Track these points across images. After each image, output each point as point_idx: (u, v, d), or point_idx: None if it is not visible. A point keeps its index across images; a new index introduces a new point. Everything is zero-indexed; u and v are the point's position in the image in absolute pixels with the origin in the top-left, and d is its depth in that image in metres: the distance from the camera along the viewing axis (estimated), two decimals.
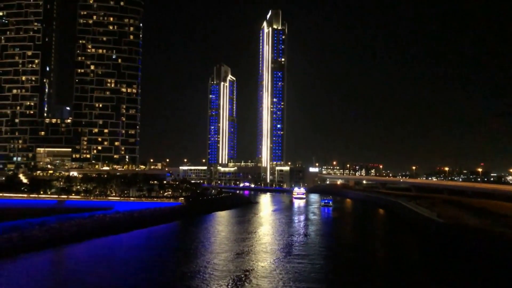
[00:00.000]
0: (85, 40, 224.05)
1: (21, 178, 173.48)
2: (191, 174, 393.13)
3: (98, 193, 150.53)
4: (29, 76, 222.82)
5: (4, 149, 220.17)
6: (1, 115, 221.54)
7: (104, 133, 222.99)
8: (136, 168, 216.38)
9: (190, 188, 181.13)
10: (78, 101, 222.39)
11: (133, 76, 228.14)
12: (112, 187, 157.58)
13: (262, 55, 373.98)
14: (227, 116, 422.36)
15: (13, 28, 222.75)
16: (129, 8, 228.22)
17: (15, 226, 77.57)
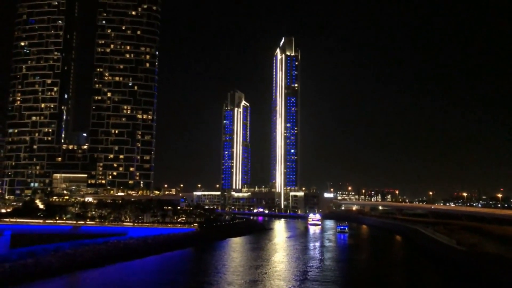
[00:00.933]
0: (102, 68, 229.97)
1: (37, 203, 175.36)
2: (204, 199, 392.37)
3: (113, 218, 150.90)
4: (48, 103, 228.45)
5: (22, 175, 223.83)
6: (20, 142, 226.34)
7: (119, 159, 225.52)
8: (150, 193, 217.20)
9: (204, 213, 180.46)
10: (95, 127, 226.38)
11: (148, 102, 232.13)
12: (127, 212, 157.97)
13: (276, 81, 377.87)
14: (240, 141, 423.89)
15: (34, 57, 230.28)
16: (145, 37, 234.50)
17: (31, 252, 77.77)
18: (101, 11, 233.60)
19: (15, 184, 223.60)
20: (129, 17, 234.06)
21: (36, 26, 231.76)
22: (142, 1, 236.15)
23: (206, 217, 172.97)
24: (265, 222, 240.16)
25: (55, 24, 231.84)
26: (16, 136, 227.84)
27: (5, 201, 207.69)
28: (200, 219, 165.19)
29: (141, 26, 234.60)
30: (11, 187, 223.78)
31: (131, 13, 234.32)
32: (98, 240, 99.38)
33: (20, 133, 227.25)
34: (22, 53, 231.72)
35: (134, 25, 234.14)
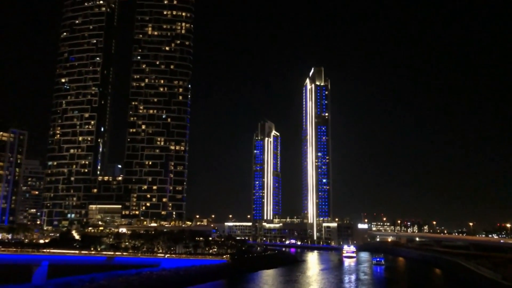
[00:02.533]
0: (137, 101, 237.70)
1: (73, 234, 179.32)
2: (236, 230, 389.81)
3: (146, 249, 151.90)
4: (85, 136, 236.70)
5: (60, 206, 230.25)
6: (59, 174, 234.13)
7: (152, 190, 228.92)
8: (182, 224, 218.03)
9: (236, 245, 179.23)
10: (130, 159, 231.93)
11: (181, 134, 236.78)
12: (159, 243, 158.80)
13: (306, 110, 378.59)
14: (271, 171, 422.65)
15: (73, 93, 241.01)
16: (178, 71, 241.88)
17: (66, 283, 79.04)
18: (136, 47, 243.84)
19: (53, 215, 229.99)
20: (163, 52, 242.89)
21: (76, 63, 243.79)
22: (175, 37, 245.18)
23: (237, 248, 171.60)
24: (297, 254, 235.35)
25: (93, 61, 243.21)
26: (55, 168, 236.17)
27: (43, 232, 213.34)
28: (232, 250, 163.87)
29: (174, 61, 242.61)
30: (50, 218, 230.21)
31: (164, 49, 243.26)
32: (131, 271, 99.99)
33: (59, 165, 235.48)
34: (62, 89, 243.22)
35: (168, 60, 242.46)
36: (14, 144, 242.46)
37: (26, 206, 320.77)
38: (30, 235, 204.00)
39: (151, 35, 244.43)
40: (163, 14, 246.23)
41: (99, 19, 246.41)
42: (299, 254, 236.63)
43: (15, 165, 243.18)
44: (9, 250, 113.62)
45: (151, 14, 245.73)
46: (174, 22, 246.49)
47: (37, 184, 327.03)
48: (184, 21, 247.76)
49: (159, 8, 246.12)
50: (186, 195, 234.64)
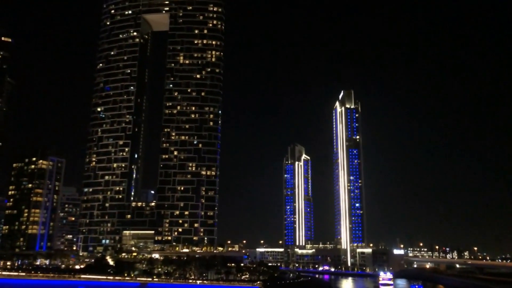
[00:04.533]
0: (169, 128, 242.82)
1: (108, 260, 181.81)
2: (268, 256, 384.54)
3: (178, 275, 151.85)
4: (119, 163, 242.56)
5: (95, 232, 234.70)
6: (94, 200, 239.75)
7: (184, 215, 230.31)
8: (214, 250, 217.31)
9: (268, 271, 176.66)
10: (162, 184, 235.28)
11: (212, 159, 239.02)
12: (191, 269, 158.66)
13: (336, 133, 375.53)
14: (302, 195, 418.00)
15: (108, 121, 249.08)
16: (209, 97, 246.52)
17: None
18: (168, 76, 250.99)
19: (89, 241, 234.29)
20: (194, 80, 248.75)
21: (111, 93, 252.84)
22: (206, 65, 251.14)
23: (269, 274, 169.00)
24: (331, 281, 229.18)
25: (127, 90, 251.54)
26: (91, 194, 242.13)
27: (79, 258, 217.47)
28: (264, 277, 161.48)
29: (205, 88, 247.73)
30: (85, 244, 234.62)
31: (196, 76, 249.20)
32: None
33: (94, 192, 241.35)
34: (98, 118, 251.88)
35: (199, 87, 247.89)
36: (53, 171, 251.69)
37: (63, 232, 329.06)
38: (66, 261, 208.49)
39: (182, 64, 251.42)
40: (194, 43, 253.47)
41: (133, 50, 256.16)
42: (333, 281, 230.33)
43: (53, 192, 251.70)
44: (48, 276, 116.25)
45: (183, 43, 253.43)
46: (204, 51, 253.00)
47: (74, 210, 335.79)
48: (214, 49, 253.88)
49: (190, 38, 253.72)
50: (217, 220, 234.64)
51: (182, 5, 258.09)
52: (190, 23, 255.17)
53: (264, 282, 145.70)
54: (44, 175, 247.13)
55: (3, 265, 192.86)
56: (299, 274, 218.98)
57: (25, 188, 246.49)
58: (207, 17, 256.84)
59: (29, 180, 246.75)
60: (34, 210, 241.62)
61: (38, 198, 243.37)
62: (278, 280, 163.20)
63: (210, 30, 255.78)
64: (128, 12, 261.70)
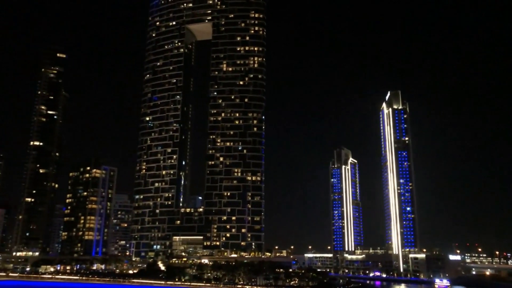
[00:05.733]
0: (215, 135, 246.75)
1: (159, 265, 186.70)
2: (316, 262, 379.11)
3: (227, 281, 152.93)
4: (168, 170, 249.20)
5: (147, 238, 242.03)
6: (145, 207, 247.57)
7: (232, 221, 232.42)
8: (262, 255, 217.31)
9: (317, 277, 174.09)
10: (209, 190, 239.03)
11: (257, 164, 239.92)
12: (240, 274, 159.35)
13: (384, 135, 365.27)
14: (350, 200, 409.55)
15: (157, 130, 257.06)
16: (252, 103, 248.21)
17: None
18: (212, 83, 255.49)
19: (141, 247, 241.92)
20: (237, 86, 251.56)
21: (158, 102, 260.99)
22: (248, 72, 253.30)
23: (319, 281, 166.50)
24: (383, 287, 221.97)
25: (174, 99, 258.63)
26: (142, 201, 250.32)
27: (132, 263, 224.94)
28: (313, 282, 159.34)
29: (248, 94, 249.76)
30: (138, 249, 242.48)
31: (239, 83, 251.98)
32: None
33: (145, 198, 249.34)
34: (147, 127, 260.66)
35: (242, 93, 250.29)
36: (106, 179, 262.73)
37: (116, 238, 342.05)
38: (120, 266, 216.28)
39: (226, 71, 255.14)
40: (237, 50, 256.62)
41: (178, 59, 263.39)
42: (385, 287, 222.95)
43: (106, 199, 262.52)
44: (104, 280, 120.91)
45: (225, 51, 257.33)
46: (247, 57, 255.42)
47: (126, 217, 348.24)
48: (256, 55, 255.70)
49: (232, 45, 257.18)
50: (264, 226, 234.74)
51: (224, 14, 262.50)
52: (232, 31, 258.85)
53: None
54: (98, 183, 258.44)
55: (63, 270, 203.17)
56: (349, 280, 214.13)
57: (81, 196, 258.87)
58: (248, 24, 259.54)
59: (84, 188, 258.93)
60: (89, 217, 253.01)
61: (93, 205, 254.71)
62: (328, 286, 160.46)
63: (252, 36, 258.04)
64: (172, 23, 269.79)
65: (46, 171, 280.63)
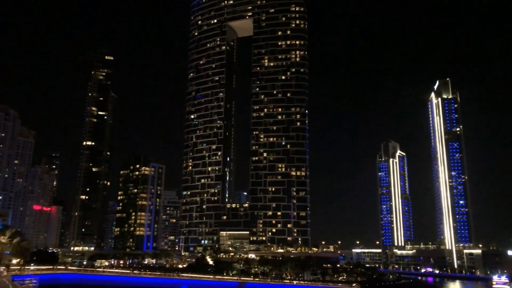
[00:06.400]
0: (258, 130, 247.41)
1: (207, 260, 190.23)
2: (364, 257, 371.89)
3: (274, 275, 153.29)
4: (213, 166, 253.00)
5: (195, 233, 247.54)
6: (192, 203, 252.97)
7: (277, 216, 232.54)
8: (308, 250, 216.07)
9: (365, 272, 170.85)
10: (254, 186, 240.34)
11: (301, 159, 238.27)
12: (287, 269, 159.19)
13: (433, 126, 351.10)
14: (399, 194, 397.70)
15: (201, 127, 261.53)
16: (295, 98, 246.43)
17: None
18: (254, 79, 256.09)
19: (189, 242, 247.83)
20: (280, 81, 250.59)
21: (202, 100, 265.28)
22: (290, 66, 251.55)
23: (368, 276, 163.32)
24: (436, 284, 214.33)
25: (217, 97, 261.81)
26: (189, 197, 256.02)
27: (181, 257, 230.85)
28: (362, 278, 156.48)
29: (291, 88, 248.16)
30: (186, 244, 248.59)
31: (281, 78, 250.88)
32: None
33: (192, 194, 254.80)
34: (192, 125, 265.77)
35: (284, 88, 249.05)
36: (154, 177, 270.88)
37: (166, 233, 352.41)
38: (170, 260, 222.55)
39: (267, 67, 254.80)
40: (278, 45, 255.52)
41: (220, 57, 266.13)
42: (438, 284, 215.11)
43: (155, 196, 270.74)
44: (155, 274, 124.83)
45: (267, 46, 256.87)
46: (288, 52, 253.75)
47: (174, 212, 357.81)
48: (298, 49, 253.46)
49: (274, 40, 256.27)
50: (310, 221, 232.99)
51: (264, 9, 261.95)
52: (273, 26, 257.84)
53: (362, 284, 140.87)
54: (147, 180, 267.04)
55: (117, 264, 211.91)
56: (400, 276, 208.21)
57: (132, 193, 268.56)
58: (289, 18, 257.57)
59: (134, 186, 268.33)
60: (140, 213, 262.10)
61: (143, 202, 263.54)
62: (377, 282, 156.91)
63: (293, 30, 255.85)
64: (213, 21, 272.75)
65: (99, 170, 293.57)
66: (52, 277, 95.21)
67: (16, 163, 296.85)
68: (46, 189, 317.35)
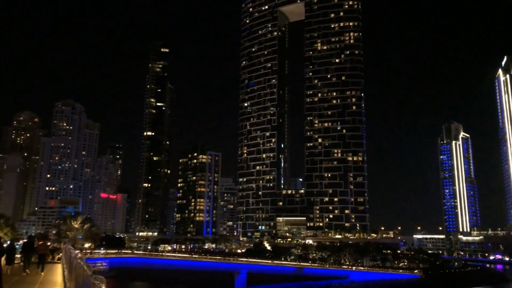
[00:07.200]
0: (312, 116, 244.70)
1: (265, 245, 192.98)
2: (426, 243, 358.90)
3: (333, 261, 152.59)
4: (268, 153, 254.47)
5: (252, 219, 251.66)
6: (248, 189, 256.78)
7: (334, 202, 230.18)
8: (367, 236, 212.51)
9: (428, 259, 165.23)
10: (309, 172, 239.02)
11: (358, 144, 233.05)
12: (345, 255, 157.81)
13: (501, 105, 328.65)
14: (463, 177, 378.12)
15: (255, 115, 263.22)
16: (350, 81, 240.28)
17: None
18: (307, 64, 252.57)
19: (247, 227, 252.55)
20: (333, 65, 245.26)
21: (255, 88, 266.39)
22: (344, 48, 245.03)
23: (430, 263, 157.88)
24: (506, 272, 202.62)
25: (269, 83, 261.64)
26: (245, 184, 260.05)
27: (240, 242, 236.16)
28: (424, 265, 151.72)
29: (345, 72, 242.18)
30: (244, 230, 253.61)
31: (334, 61, 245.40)
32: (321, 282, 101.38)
33: (248, 181, 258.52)
34: (246, 112, 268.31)
35: (339, 71, 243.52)
36: (211, 164, 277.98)
37: (224, 219, 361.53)
38: (229, 245, 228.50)
39: (320, 50, 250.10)
40: (331, 28, 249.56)
41: (272, 43, 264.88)
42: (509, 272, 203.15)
43: (213, 183, 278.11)
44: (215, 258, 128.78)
45: (319, 30, 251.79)
46: (342, 34, 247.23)
47: (232, 199, 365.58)
48: (352, 31, 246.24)
49: (326, 23, 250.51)
50: (368, 207, 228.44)
51: None
52: (326, 8, 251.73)
53: (425, 271, 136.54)
54: (204, 168, 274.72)
55: (179, 248, 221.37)
56: (466, 263, 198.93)
57: (191, 180, 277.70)
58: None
59: (193, 173, 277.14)
60: (199, 199, 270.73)
61: (202, 189, 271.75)
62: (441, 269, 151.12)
63: (347, 11, 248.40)
64: (265, 7, 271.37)
65: (159, 159, 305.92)
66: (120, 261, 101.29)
67: (83, 154, 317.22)
68: (111, 178, 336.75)
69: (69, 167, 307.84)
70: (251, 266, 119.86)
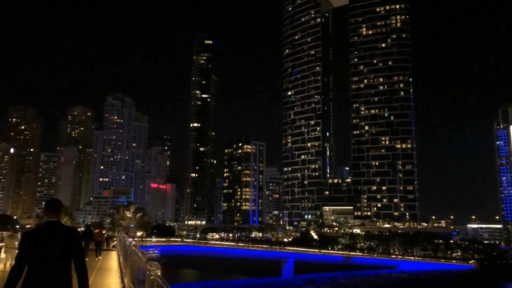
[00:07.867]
0: (358, 103, 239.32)
1: (312, 234, 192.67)
2: (482, 233, 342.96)
3: (381, 251, 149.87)
4: (313, 142, 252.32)
5: (298, 208, 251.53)
6: (294, 178, 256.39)
7: (382, 191, 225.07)
8: (417, 225, 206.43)
9: (484, 249, 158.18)
10: (356, 160, 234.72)
11: (406, 131, 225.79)
12: (395, 245, 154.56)
13: None
14: None
15: (299, 103, 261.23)
16: (397, 66, 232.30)
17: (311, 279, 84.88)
18: (352, 50, 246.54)
19: (293, 216, 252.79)
20: (379, 50, 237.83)
21: (299, 76, 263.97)
22: (390, 32, 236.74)
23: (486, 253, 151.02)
24: None
25: (313, 71, 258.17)
26: (290, 173, 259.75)
27: (286, 232, 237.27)
28: (479, 255, 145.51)
29: (392, 56, 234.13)
30: (290, 219, 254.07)
31: (381, 46, 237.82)
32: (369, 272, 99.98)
33: (293, 170, 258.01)
34: (289, 101, 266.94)
35: (385, 56, 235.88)
36: (256, 154, 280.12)
37: (270, 208, 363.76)
38: (276, 234, 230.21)
39: (366, 35, 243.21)
40: (376, 11, 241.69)
41: (315, 30, 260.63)
42: None
43: (258, 172, 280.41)
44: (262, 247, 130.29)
45: (364, 14, 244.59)
46: (388, 17, 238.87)
47: (277, 188, 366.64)
48: (398, 13, 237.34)
49: (371, 7, 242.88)
50: (418, 195, 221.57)
51: None
52: None
53: (481, 261, 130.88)
54: (249, 158, 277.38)
55: (226, 237, 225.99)
56: None
57: (236, 170, 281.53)
58: None
59: (238, 163, 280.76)
60: (245, 189, 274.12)
61: (247, 178, 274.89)
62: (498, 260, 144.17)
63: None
64: None
65: (205, 149, 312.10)
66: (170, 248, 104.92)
67: (134, 145, 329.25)
68: (160, 169, 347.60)
69: (120, 159, 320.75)
70: (298, 255, 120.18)
